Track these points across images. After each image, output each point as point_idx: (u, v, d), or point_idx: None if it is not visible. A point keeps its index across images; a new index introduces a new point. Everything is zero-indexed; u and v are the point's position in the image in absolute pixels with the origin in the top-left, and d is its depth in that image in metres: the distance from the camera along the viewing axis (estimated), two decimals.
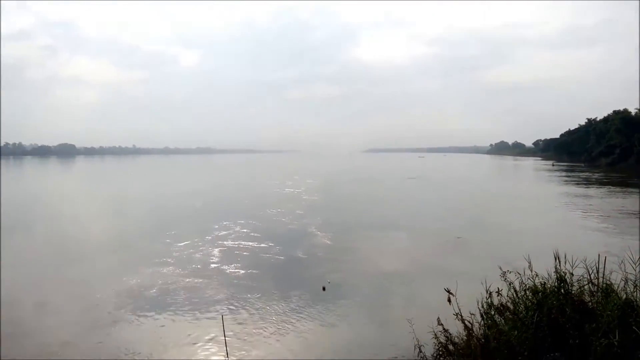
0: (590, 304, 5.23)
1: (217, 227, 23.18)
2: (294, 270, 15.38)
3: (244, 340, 9.63)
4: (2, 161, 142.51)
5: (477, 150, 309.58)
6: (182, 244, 19.19)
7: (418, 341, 5.03)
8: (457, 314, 4.73)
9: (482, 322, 5.76)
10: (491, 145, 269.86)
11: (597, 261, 5.92)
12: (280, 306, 11.63)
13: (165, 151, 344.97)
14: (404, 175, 65.37)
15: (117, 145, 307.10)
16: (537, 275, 5.76)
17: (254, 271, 15.08)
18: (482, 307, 5.91)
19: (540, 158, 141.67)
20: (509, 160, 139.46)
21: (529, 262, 5.89)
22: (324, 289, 12.94)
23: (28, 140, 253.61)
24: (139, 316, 11.11)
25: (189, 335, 9.98)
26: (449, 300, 4.77)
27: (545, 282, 5.54)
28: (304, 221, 25.03)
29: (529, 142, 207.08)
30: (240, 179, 67.11)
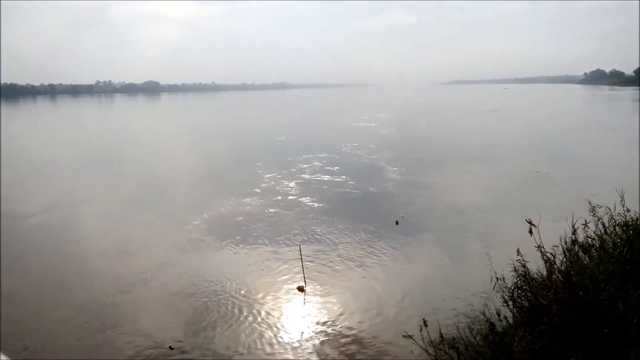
0: None
1: (297, 160, 24.12)
2: (367, 203, 15.60)
3: (320, 269, 10.10)
4: (95, 99, 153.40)
5: (569, 80, 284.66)
6: (266, 176, 20.21)
7: (496, 273, 4.99)
8: (538, 246, 4.60)
9: (565, 259, 5.57)
10: (585, 74, 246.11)
11: None
12: (355, 238, 11.94)
13: (243, 87, 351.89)
14: (484, 108, 62.26)
15: (197, 82, 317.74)
16: (628, 210, 5.41)
17: (330, 204, 15.48)
18: (565, 243, 5.70)
19: None
20: (604, 91, 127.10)
21: (621, 197, 5.53)
22: (397, 223, 13.03)
23: (118, 78, 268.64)
24: (226, 242, 11.98)
25: (270, 260, 10.64)
26: (530, 232, 4.63)
27: (637, 218, 5.21)
28: (378, 155, 24.99)
29: (629, 70, 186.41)
30: (317, 114, 67.41)
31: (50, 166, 24.61)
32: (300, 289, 9.15)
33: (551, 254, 4.72)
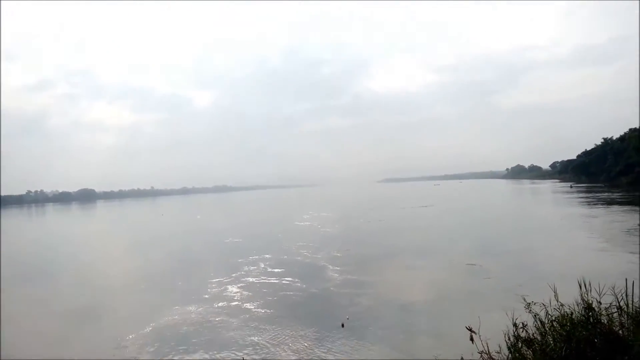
0: (620, 333, 5.04)
1: (243, 262, 23.82)
2: (312, 307, 15.21)
3: None
4: (25, 209, 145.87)
5: (493, 175, 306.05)
6: (213, 280, 19.77)
7: None
8: (482, 352, 4.58)
9: (510, 356, 5.57)
10: (507, 169, 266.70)
11: (625, 287, 5.70)
12: (301, 345, 11.47)
13: (183, 191, 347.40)
14: (418, 204, 64.86)
15: (135, 188, 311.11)
16: (562, 305, 5.58)
17: (275, 309, 15.00)
18: (509, 339, 5.72)
19: (558, 180, 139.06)
20: (525, 184, 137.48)
21: (555, 292, 5.72)
22: (342, 325, 12.74)
23: (51, 187, 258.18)
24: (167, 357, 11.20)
25: None
26: (472, 339, 4.63)
27: (572, 312, 5.35)
28: (322, 254, 24.94)
29: (545, 165, 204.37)
30: (261, 215, 67.41)
31: None
32: None
33: None
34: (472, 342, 4.59)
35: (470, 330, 4.65)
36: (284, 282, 18.95)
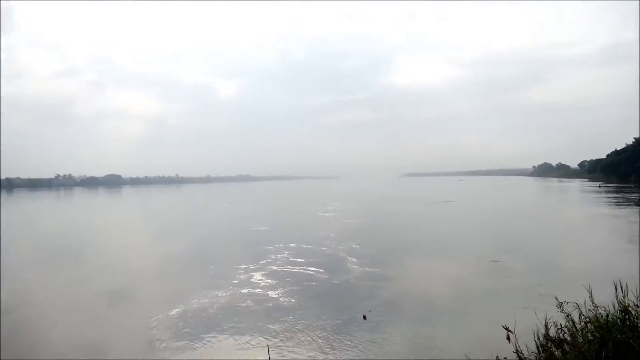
0: None
1: (268, 250, 24.18)
2: (335, 297, 15.24)
3: None
4: (54, 192, 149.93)
5: (520, 172, 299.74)
6: (240, 267, 20.16)
7: None
8: (516, 351, 4.53)
9: (540, 356, 5.50)
10: (534, 167, 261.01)
11: None
12: (325, 335, 11.53)
13: (207, 179, 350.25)
14: (441, 199, 64.20)
15: (161, 175, 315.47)
16: (597, 307, 5.46)
17: (300, 299, 15.10)
18: (539, 339, 5.65)
19: (586, 179, 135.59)
20: (553, 182, 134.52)
21: (590, 292, 5.60)
22: (364, 317, 12.72)
23: (78, 172, 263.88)
24: (192, 341, 11.48)
25: None
26: (508, 338, 4.58)
27: (607, 314, 5.24)
28: (345, 245, 25.00)
29: (574, 163, 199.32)
30: (284, 205, 67.81)
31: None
32: None
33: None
34: (509, 342, 4.54)
35: (507, 329, 4.60)
36: (307, 271, 19.09)
